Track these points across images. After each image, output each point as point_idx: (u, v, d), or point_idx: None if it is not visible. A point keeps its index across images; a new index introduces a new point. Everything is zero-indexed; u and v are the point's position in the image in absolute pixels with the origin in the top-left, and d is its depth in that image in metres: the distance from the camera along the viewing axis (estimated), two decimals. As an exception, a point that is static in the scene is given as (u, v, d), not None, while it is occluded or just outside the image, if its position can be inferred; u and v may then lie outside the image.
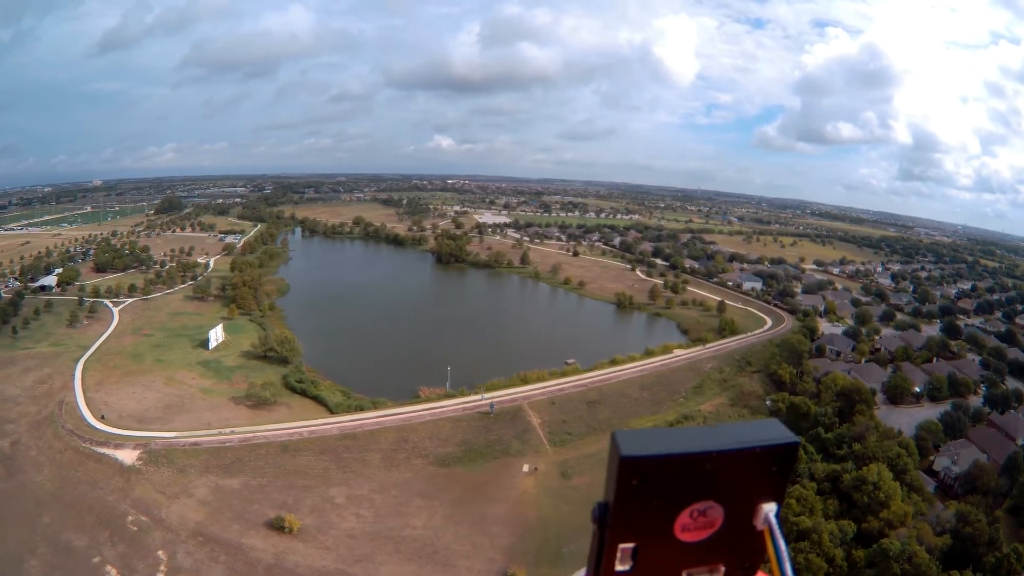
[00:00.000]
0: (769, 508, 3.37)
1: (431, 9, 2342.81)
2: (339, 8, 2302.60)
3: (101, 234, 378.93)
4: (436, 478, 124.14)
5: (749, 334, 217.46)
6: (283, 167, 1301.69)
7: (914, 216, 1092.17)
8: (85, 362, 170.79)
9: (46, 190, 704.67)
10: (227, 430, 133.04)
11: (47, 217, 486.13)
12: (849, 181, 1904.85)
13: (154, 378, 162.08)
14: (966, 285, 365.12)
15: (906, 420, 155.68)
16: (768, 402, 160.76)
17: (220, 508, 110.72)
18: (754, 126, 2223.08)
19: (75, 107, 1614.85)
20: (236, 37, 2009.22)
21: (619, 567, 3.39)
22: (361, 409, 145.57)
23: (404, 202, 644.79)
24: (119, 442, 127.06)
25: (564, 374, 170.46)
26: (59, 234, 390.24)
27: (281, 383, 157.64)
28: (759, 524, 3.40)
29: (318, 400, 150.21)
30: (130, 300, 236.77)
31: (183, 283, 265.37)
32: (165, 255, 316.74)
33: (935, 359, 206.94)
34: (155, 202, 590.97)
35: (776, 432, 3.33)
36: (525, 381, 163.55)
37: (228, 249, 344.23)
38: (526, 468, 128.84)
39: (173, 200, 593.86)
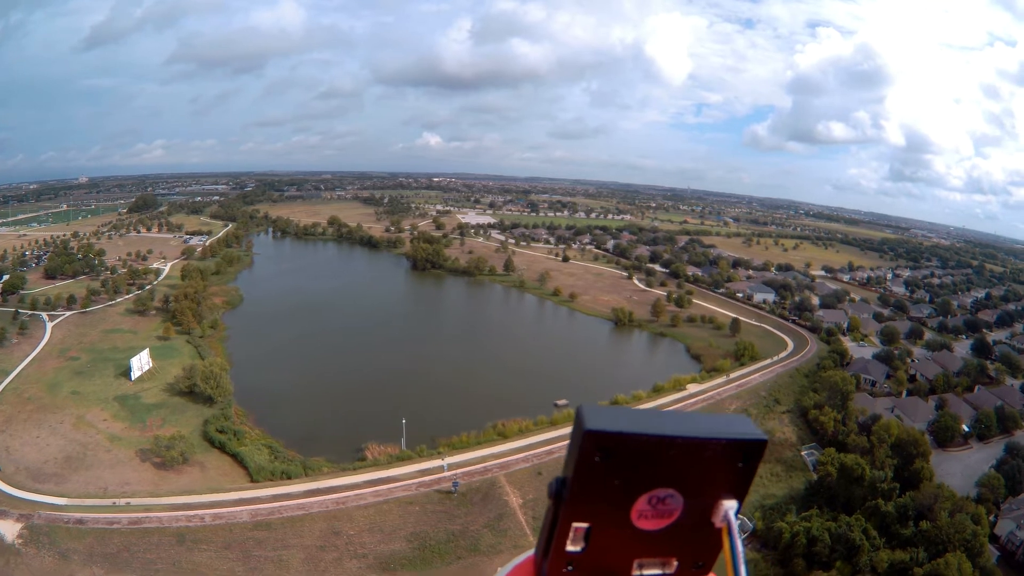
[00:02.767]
0: (730, 506, 3.29)
1: (423, 6, 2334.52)
2: (330, 5, 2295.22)
3: (63, 235, 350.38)
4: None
5: (771, 360, 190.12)
6: (271, 164, 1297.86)
7: (904, 217, 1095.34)
8: (1, 392, 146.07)
9: (32, 187, 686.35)
10: (122, 501, 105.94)
11: (20, 216, 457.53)
12: (838, 181, 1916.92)
13: (64, 417, 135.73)
14: (980, 293, 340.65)
15: (958, 468, 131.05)
16: (807, 455, 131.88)
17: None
18: (744, 125, 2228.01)
19: (65, 103, 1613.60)
20: (225, 32, 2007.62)
21: (570, 547, 3.30)
22: (287, 477, 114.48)
23: (386, 200, 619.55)
24: (3, 508, 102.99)
25: (553, 423, 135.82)
26: (24, 235, 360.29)
27: (200, 432, 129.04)
28: (718, 521, 3.32)
29: (238, 459, 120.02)
30: (69, 313, 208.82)
31: (129, 293, 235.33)
32: (119, 259, 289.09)
33: (975, 387, 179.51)
34: (131, 200, 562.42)
35: (744, 427, 3.24)
36: (503, 435, 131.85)
37: (188, 253, 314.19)
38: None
39: (148, 198, 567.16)
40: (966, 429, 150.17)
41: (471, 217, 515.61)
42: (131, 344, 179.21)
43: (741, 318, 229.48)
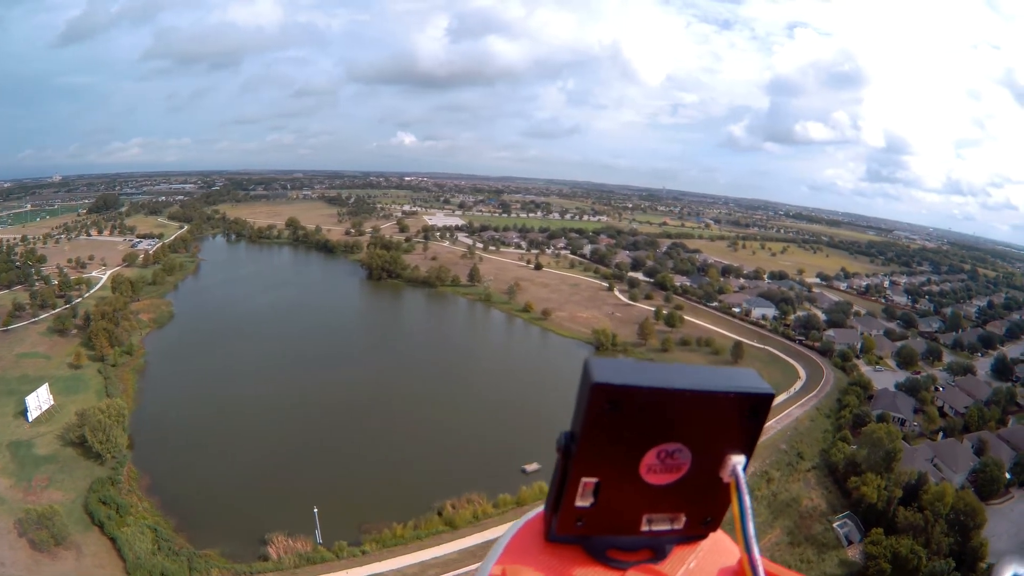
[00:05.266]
0: (738, 460, 3.23)
1: (400, 4, 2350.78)
2: (306, 2, 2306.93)
3: (10, 239, 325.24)
4: None
5: (786, 395, 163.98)
6: (245, 163, 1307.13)
7: (882, 217, 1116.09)
8: None
9: (6, 185, 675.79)
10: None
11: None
12: (814, 182, 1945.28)
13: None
14: (981, 301, 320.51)
15: (1003, 526, 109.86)
16: (839, 527, 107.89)
17: None
18: (720, 126, 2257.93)
19: (42, 101, 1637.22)
20: (202, 28, 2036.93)
21: (579, 502, 3.26)
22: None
23: (351, 200, 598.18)
24: None
25: (520, 503, 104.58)
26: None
27: (83, 501, 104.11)
28: (726, 476, 3.27)
29: (116, 545, 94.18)
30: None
31: (56, 307, 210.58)
32: (58, 267, 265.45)
33: (1007, 418, 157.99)
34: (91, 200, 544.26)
35: (751, 381, 3.17)
36: (450, 524, 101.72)
37: (130, 259, 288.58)
38: None
39: (109, 198, 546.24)
40: (1007, 476, 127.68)
41: (439, 218, 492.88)
42: (43, 372, 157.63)
43: (741, 338, 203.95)
